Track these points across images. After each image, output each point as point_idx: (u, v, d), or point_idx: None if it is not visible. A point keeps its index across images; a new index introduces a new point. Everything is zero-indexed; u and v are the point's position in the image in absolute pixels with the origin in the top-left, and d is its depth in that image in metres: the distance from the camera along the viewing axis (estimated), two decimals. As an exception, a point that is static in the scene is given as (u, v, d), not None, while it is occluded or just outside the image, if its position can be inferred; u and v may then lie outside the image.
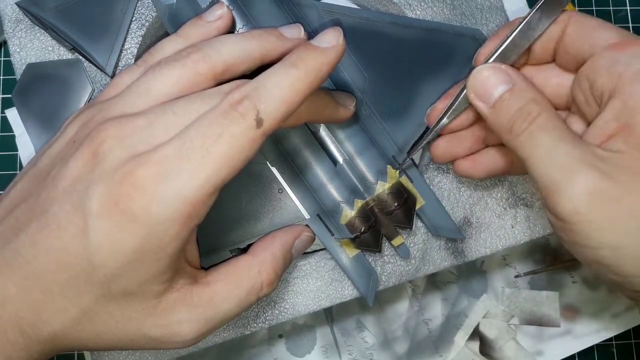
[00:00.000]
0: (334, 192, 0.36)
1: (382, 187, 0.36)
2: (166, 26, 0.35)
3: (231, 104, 0.26)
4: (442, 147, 0.36)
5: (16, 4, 0.37)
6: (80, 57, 0.38)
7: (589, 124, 0.32)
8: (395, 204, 0.36)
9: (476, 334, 0.44)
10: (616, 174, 0.28)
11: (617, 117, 0.29)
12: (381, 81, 0.38)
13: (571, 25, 0.33)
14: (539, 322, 0.46)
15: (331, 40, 0.29)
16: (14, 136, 0.42)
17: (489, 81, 0.32)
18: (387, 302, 0.45)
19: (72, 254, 0.26)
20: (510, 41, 0.33)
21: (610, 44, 0.31)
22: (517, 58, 0.34)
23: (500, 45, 0.33)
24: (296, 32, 0.32)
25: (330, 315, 0.44)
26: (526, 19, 0.33)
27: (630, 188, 0.28)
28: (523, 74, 0.33)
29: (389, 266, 0.38)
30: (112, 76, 0.37)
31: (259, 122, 0.26)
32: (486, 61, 0.34)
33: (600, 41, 0.31)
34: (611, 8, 0.48)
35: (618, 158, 0.29)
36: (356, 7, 0.42)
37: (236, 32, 0.35)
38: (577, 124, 0.34)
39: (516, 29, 0.33)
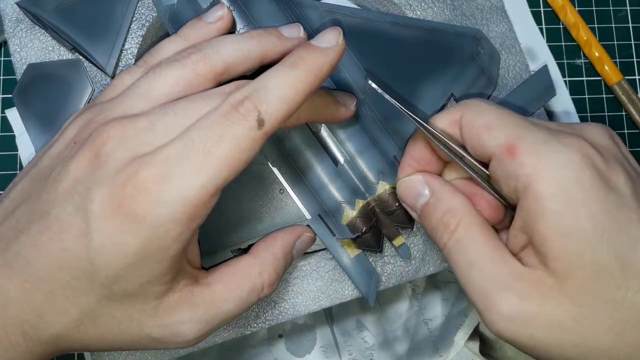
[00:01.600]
0: (335, 192, 0.36)
1: (383, 187, 0.36)
2: (167, 26, 0.35)
3: (232, 105, 0.26)
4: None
5: (16, 3, 0.37)
6: (81, 57, 0.38)
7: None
8: (397, 204, 0.36)
9: (476, 334, 0.44)
10: (530, 293, 0.28)
11: (523, 230, 0.29)
12: (382, 81, 0.38)
13: (463, 127, 0.31)
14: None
15: (331, 40, 0.29)
16: (14, 136, 0.42)
17: (410, 192, 0.33)
18: (387, 302, 0.45)
19: (74, 255, 0.26)
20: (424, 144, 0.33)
21: (501, 151, 0.29)
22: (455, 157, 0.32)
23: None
24: (296, 31, 0.32)
25: (330, 315, 0.44)
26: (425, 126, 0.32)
27: (544, 306, 0.28)
28: (441, 178, 0.33)
29: (389, 267, 0.38)
30: (112, 76, 0.37)
31: (260, 123, 0.26)
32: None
33: (491, 148, 0.29)
34: (611, 8, 0.48)
35: (531, 274, 0.28)
36: (356, 7, 0.42)
37: (237, 33, 0.35)
38: None
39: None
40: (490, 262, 0.29)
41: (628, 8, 0.48)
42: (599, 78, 0.47)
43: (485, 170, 0.31)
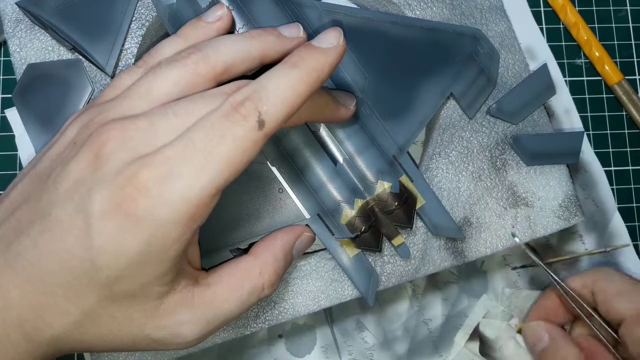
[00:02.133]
0: (334, 191, 0.36)
1: (382, 187, 0.36)
2: (166, 26, 0.35)
3: (233, 105, 0.26)
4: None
5: (16, 3, 0.37)
6: (80, 57, 0.38)
7: None
8: (396, 204, 0.36)
9: (476, 334, 0.44)
10: None
11: None
12: (381, 81, 0.38)
13: (595, 292, 0.37)
14: (538, 322, 0.46)
15: (332, 40, 0.29)
16: (14, 136, 0.42)
17: (532, 335, 0.39)
18: (387, 302, 0.45)
19: (75, 256, 0.26)
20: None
21: (632, 316, 0.33)
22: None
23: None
24: (295, 31, 0.32)
25: (330, 316, 0.44)
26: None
27: None
28: (563, 330, 0.38)
29: (388, 266, 0.38)
30: (112, 76, 0.37)
31: (260, 124, 0.26)
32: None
33: (622, 312, 0.34)
34: (611, 8, 0.48)
35: None
36: (356, 7, 0.42)
37: (236, 32, 0.34)
38: None
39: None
40: None
41: (628, 8, 0.48)
42: (599, 78, 0.47)
43: (613, 333, 0.36)
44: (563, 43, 0.47)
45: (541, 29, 0.46)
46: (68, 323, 0.27)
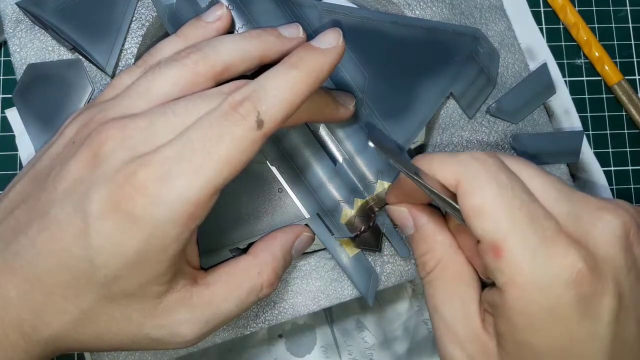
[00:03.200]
0: (333, 191, 0.36)
1: (382, 186, 0.36)
2: (166, 26, 0.35)
3: (232, 105, 0.26)
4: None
5: (16, 4, 0.37)
6: (80, 57, 0.38)
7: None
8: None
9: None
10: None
11: (493, 303, 0.27)
12: (381, 80, 0.38)
13: (458, 196, 0.28)
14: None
15: (331, 40, 0.29)
16: (14, 136, 0.42)
17: (398, 219, 0.33)
18: (387, 302, 0.45)
19: (73, 255, 0.26)
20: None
21: (486, 247, 0.26)
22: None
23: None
24: (295, 31, 0.32)
25: (330, 315, 0.44)
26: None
27: None
28: (428, 213, 0.32)
29: (388, 266, 0.38)
30: (112, 76, 0.37)
31: (259, 124, 0.26)
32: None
33: (477, 235, 0.27)
34: (611, 8, 0.48)
35: (485, 341, 0.28)
36: (355, 6, 0.42)
37: (236, 32, 0.35)
38: None
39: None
40: (452, 314, 0.29)
41: (628, 8, 0.48)
42: (599, 78, 0.47)
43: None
44: (563, 43, 0.47)
45: (541, 29, 0.46)
46: (66, 322, 0.27)
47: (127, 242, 0.26)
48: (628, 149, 0.47)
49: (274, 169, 0.37)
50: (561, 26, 0.47)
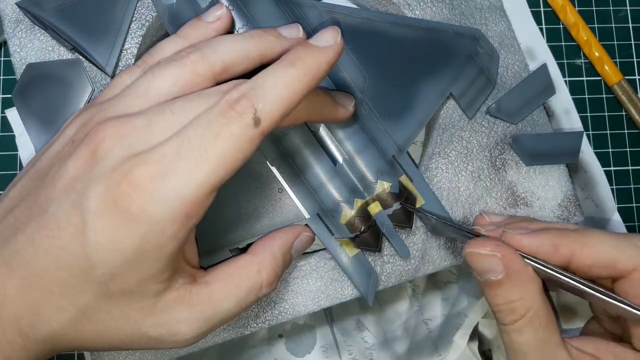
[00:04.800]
0: (333, 191, 0.36)
1: (381, 187, 0.36)
2: (166, 26, 0.35)
3: (229, 103, 0.26)
4: None
5: (16, 4, 0.37)
6: (80, 57, 0.38)
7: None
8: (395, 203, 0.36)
9: (476, 334, 0.44)
10: None
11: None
12: (381, 81, 0.38)
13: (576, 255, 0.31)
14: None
15: (329, 39, 0.29)
16: (14, 136, 0.42)
17: (480, 263, 0.32)
18: (387, 302, 0.45)
19: (71, 253, 0.26)
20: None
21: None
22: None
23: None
24: (295, 31, 0.32)
25: (330, 315, 0.44)
26: None
27: None
28: (520, 258, 0.31)
29: (388, 266, 0.38)
30: (112, 76, 0.37)
31: (256, 121, 0.26)
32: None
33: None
34: (611, 8, 0.48)
35: None
36: (355, 7, 0.42)
37: (236, 32, 0.35)
38: None
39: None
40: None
41: (628, 8, 0.48)
42: (599, 78, 0.47)
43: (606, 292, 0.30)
44: (563, 43, 0.47)
45: (541, 29, 0.46)
46: (64, 320, 0.27)
47: (124, 240, 0.26)
48: (628, 149, 0.47)
49: (273, 169, 0.37)
50: (561, 26, 0.47)
